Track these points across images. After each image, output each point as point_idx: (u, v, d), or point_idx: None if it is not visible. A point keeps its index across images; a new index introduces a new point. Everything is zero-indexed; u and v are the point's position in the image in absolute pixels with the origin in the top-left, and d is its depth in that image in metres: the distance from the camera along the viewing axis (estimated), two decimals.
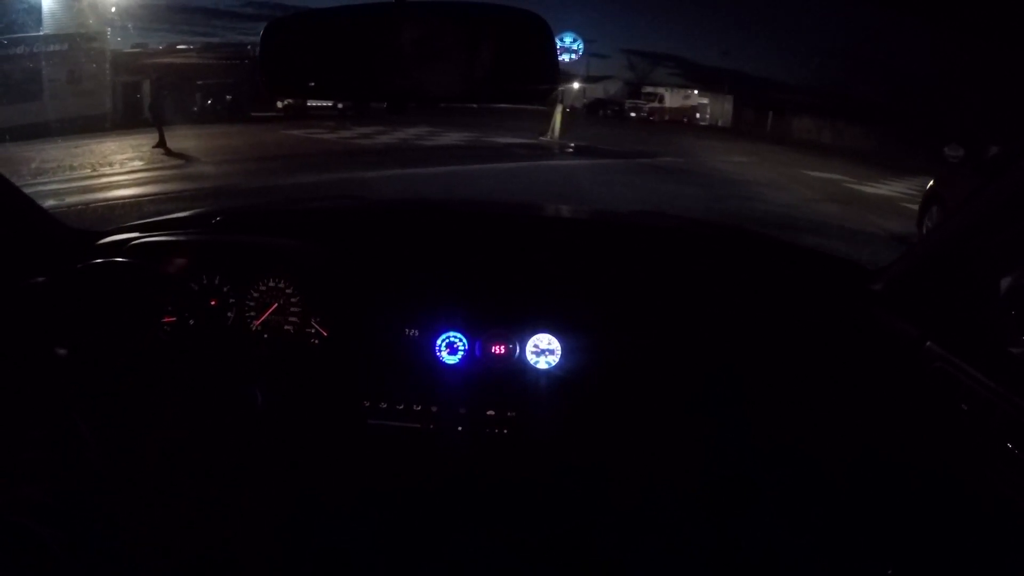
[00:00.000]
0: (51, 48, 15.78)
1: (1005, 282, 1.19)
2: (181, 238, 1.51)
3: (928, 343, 1.32)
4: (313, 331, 1.44)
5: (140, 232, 1.54)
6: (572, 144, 14.54)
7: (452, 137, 15.01)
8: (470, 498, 1.44)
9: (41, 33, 15.93)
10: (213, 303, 1.44)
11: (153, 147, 11.63)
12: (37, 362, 0.90)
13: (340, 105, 16.78)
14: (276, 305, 1.45)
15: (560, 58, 0.96)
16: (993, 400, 1.22)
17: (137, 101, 15.57)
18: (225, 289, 1.45)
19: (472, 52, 0.96)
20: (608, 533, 1.46)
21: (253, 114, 16.28)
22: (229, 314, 1.44)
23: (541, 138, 15.09)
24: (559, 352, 1.42)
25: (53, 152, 11.36)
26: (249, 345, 1.44)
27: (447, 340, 1.42)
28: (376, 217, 1.79)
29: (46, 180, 8.61)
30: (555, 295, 1.46)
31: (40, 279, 0.91)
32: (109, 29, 15.88)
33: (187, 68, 17.48)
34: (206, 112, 16.53)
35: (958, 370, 1.28)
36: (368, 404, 1.41)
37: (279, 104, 16.60)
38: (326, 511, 1.44)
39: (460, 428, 1.40)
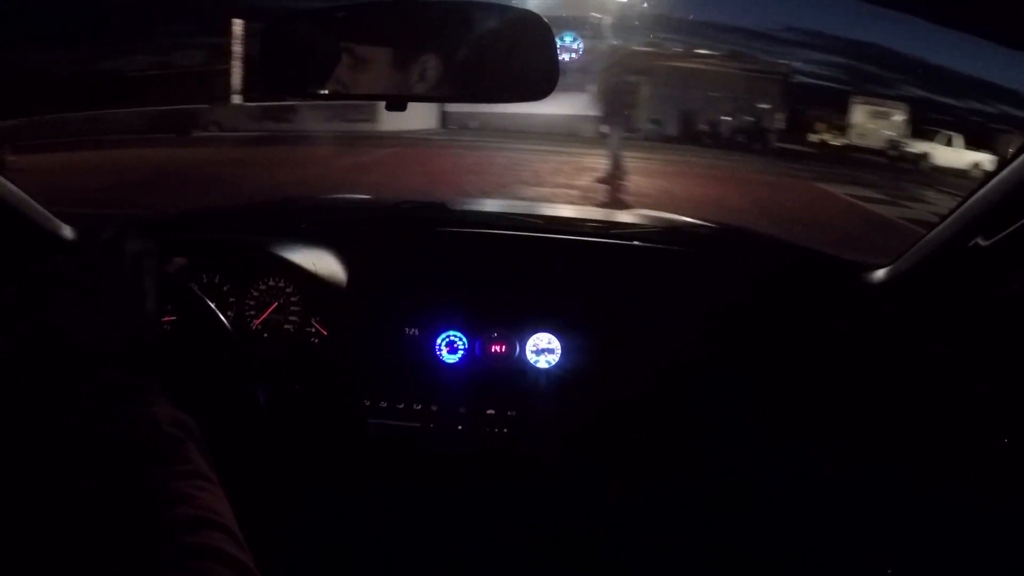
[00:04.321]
0: None
1: (1006, 280, 1.19)
2: (181, 237, 1.51)
3: (929, 341, 1.32)
4: (313, 331, 1.44)
5: (140, 232, 1.54)
6: None
7: None
8: (470, 497, 1.44)
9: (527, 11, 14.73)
10: (213, 303, 1.44)
11: (597, 180, 8.14)
12: (36, 363, 0.90)
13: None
14: (276, 305, 1.45)
15: (560, 58, 0.96)
16: (993, 399, 1.22)
17: (633, 107, 12.28)
18: (225, 289, 1.45)
19: (471, 51, 0.96)
20: (608, 533, 1.46)
21: (781, 144, 11.91)
22: (229, 314, 1.44)
23: None
24: (559, 352, 1.42)
25: (521, 155, 9.67)
26: (249, 345, 1.44)
27: (447, 339, 1.42)
28: (376, 217, 1.79)
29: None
30: (555, 294, 1.46)
31: (38, 279, 0.90)
32: (603, 17, 12.71)
33: (704, 78, 13.05)
34: (718, 135, 12.51)
35: (959, 368, 1.28)
36: (368, 403, 1.41)
37: (821, 137, 10.96)
38: (326, 510, 1.44)
39: (460, 427, 1.40)
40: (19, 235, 1.35)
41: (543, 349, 1.42)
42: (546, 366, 1.42)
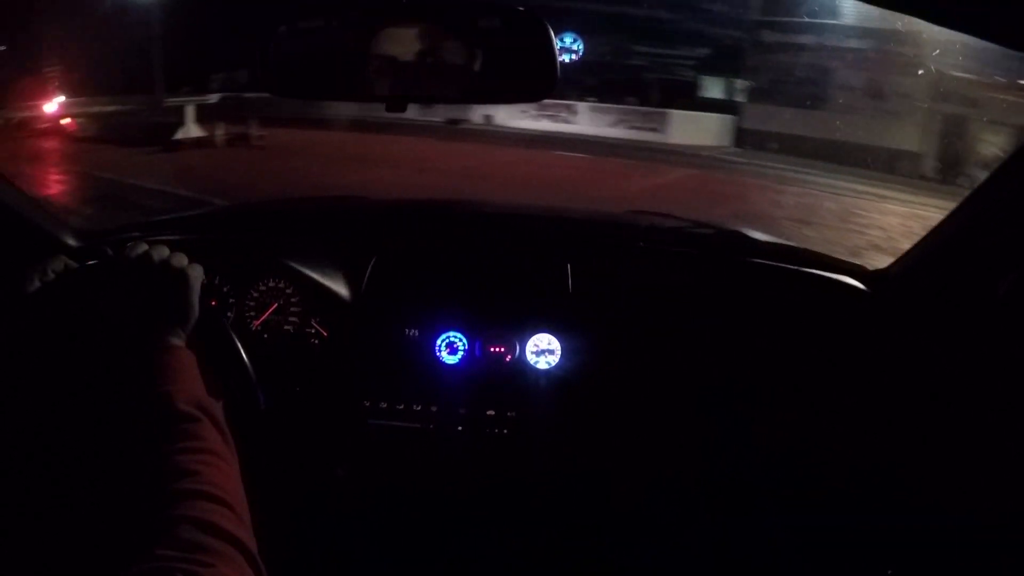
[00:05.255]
0: (847, 44, 11.49)
1: (1005, 281, 1.19)
2: (181, 238, 1.51)
3: (928, 343, 1.32)
4: (313, 331, 1.44)
5: (140, 233, 1.54)
6: None
7: None
8: (470, 498, 1.44)
9: (838, 22, 11.59)
10: (213, 303, 1.44)
11: None
12: (36, 364, 0.90)
13: None
14: (276, 305, 1.45)
15: (560, 58, 0.96)
16: (993, 400, 1.22)
17: (958, 146, 9.46)
18: (225, 289, 1.45)
19: (472, 52, 0.96)
20: (608, 534, 1.46)
21: None
22: (229, 314, 1.44)
23: None
24: (559, 352, 1.42)
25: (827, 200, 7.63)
26: (249, 345, 1.44)
27: (447, 340, 1.42)
28: (376, 217, 1.79)
29: None
30: (555, 295, 1.46)
31: (38, 281, 0.91)
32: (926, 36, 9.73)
33: None
34: None
35: (958, 369, 1.28)
36: (368, 404, 1.41)
37: None
38: (326, 511, 1.44)
39: (460, 428, 1.40)
40: (24, 241, 1.36)
41: (543, 350, 1.42)
42: (546, 367, 1.42)
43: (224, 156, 10.36)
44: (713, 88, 14.44)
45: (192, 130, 11.28)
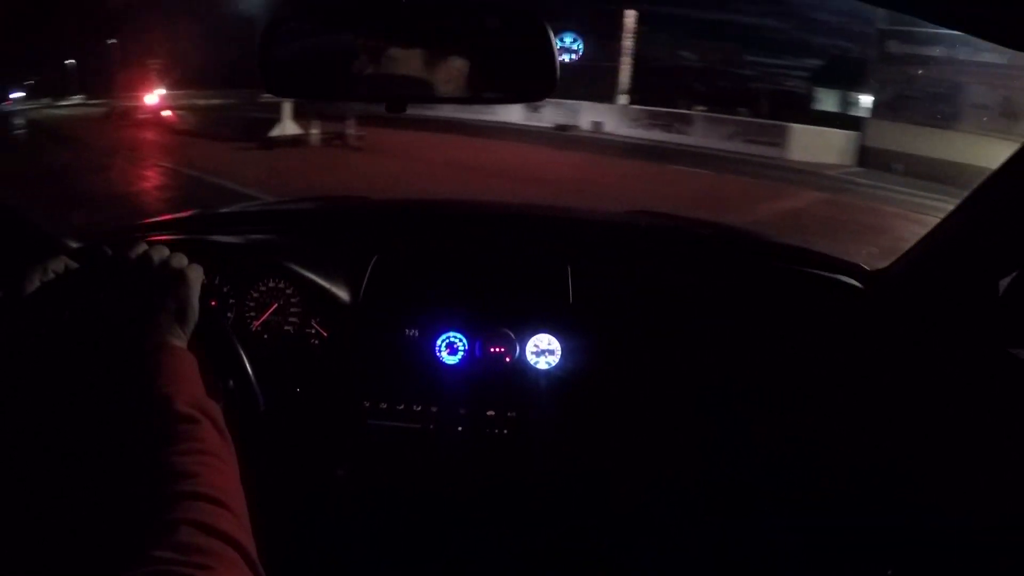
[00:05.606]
0: (981, 59, 10.36)
1: (1005, 282, 1.19)
2: (181, 238, 1.51)
3: (928, 343, 1.32)
4: (313, 332, 1.44)
5: (140, 232, 1.54)
6: None
7: None
8: (470, 498, 1.44)
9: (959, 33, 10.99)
10: (213, 303, 1.44)
11: None
12: (36, 365, 0.90)
13: None
14: (276, 305, 1.45)
15: (560, 58, 0.96)
16: (992, 400, 1.22)
17: None
18: (225, 289, 1.44)
19: (471, 52, 0.96)
20: (608, 534, 1.46)
21: None
22: (229, 314, 1.44)
23: None
24: (559, 352, 1.42)
25: None
26: (249, 346, 1.44)
27: (447, 340, 1.42)
28: (376, 217, 1.79)
29: None
30: (555, 295, 1.46)
31: (38, 280, 0.91)
32: None
33: None
34: None
35: (957, 368, 1.28)
36: (368, 404, 1.41)
37: None
38: (326, 512, 1.44)
39: (460, 428, 1.40)
40: (24, 241, 1.35)
41: (543, 350, 1.42)
42: (546, 367, 1.42)
43: (318, 158, 9.89)
44: (830, 101, 13.44)
45: (288, 128, 10.73)
